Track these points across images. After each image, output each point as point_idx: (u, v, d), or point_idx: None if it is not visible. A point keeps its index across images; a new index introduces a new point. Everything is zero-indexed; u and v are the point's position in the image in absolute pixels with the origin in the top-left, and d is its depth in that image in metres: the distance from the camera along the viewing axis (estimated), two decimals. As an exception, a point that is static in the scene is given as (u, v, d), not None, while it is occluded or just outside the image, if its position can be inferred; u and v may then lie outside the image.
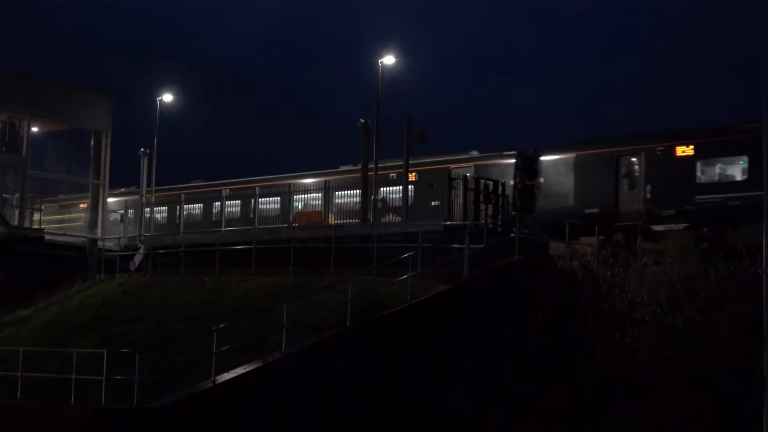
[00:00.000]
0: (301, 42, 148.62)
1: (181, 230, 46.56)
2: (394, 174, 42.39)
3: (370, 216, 40.63)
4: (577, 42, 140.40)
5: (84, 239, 45.11)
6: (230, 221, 46.59)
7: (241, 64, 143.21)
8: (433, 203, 40.74)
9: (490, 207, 36.61)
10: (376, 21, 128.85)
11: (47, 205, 48.84)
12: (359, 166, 42.96)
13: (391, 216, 42.52)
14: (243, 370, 25.48)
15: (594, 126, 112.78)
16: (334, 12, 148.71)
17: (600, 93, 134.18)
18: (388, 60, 43.52)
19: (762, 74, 20.77)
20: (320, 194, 44.06)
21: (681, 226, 31.81)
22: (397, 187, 42.22)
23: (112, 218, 51.53)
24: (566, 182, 37.36)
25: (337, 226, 39.13)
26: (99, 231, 46.28)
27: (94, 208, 47.08)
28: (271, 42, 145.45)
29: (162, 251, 42.21)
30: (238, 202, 48.23)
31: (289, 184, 46.16)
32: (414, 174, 41.47)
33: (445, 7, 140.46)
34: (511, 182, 38.54)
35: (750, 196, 30.29)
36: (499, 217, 35.96)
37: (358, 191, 42.14)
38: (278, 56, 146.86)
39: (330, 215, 42.89)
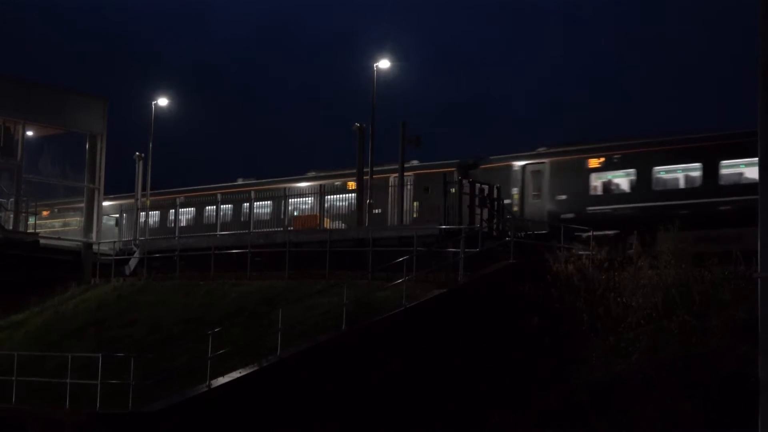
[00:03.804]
0: (295, 46, 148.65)
1: (176, 234, 46.52)
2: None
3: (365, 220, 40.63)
4: (575, 45, 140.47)
5: (79, 243, 45.08)
6: (225, 225, 46.49)
7: (236, 67, 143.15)
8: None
9: (485, 211, 36.58)
10: (371, 25, 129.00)
11: (41, 209, 48.77)
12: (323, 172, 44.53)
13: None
14: (238, 374, 25.49)
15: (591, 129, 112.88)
16: (328, 16, 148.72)
17: (598, 95, 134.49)
18: (384, 64, 43.54)
19: (758, 77, 20.75)
20: (315, 198, 44.03)
21: None
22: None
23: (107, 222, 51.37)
24: None
25: (332, 230, 39.12)
26: (94, 235, 46.22)
27: (89, 212, 47.02)
28: (265, 45, 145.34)
29: (157, 255, 42.21)
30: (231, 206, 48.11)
31: (285, 188, 46.15)
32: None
33: (438, 12, 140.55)
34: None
35: None
36: (495, 220, 35.97)
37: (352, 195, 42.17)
38: (273, 59, 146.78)
39: (325, 219, 42.87)
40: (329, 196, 43.07)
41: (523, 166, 39.70)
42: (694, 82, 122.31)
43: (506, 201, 38.57)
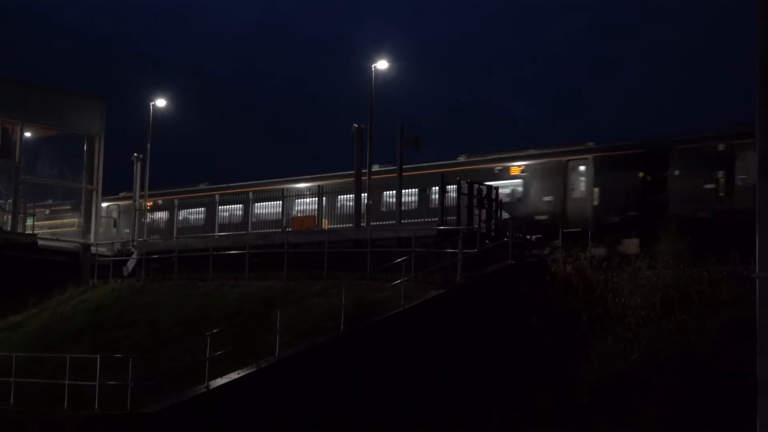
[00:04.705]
0: (294, 46, 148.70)
1: (175, 235, 46.48)
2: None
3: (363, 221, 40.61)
4: (575, 45, 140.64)
5: (77, 244, 45.05)
6: (223, 226, 46.41)
7: (234, 68, 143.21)
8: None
9: (484, 212, 36.55)
10: (370, 26, 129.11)
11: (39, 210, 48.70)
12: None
13: None
14: (237, 375, 25.47)
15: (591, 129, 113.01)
16: (327, 17, 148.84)
17: (595, 96, 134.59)
18: (382, 65, 43.50)
19: (756, 75, 20.71)
20: (314, 199, 43.96)
21: None
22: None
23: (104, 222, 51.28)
24: None
25: (330, 230, 39.09)
26: (92, 236, 46.20)
27: (87, 213, 47.01)
28: (263, 46, 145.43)
29: (155, 256, 42.18)
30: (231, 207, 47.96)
31: (283, 189, 46.10)
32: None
33: (433, 12, 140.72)
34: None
35: None
36: (493, 221, 35.95)
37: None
38: (272, 60, 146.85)
39: (323, 220, 42.83)
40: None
41: (730, 146, 34.30)
42: (693, 81, 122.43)
43: (710, 186, 34.53)
